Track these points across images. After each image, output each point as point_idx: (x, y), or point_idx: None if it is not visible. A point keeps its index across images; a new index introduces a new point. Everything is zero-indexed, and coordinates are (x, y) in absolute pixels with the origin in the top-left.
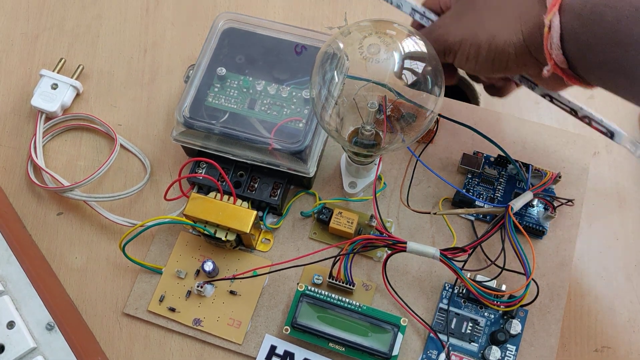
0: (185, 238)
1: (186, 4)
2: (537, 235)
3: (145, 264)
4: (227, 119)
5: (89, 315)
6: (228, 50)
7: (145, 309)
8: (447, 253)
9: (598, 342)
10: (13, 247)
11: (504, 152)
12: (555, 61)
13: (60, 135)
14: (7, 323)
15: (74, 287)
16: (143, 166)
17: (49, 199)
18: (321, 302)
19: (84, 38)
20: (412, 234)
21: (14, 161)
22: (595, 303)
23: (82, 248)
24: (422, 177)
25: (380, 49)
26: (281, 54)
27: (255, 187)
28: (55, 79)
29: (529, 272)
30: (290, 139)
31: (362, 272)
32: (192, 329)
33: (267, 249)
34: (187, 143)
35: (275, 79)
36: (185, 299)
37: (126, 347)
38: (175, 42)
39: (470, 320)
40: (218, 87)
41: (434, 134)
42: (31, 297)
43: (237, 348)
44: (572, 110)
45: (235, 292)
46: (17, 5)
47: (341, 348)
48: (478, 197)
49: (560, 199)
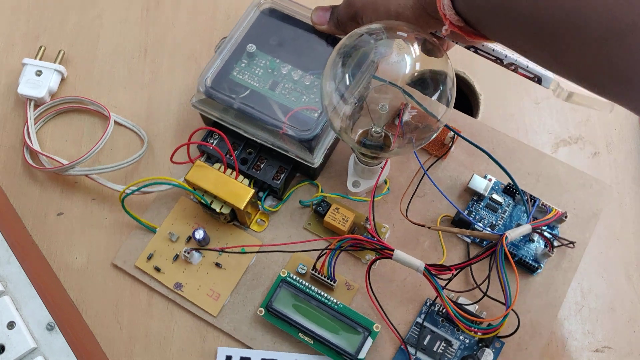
0: (184, 204)
1: (186, 4)
2: (531, 271)
3: (141, 220)
4: (247, 95)
5: (89, 315)
6: (263, 30)
7: (133, 264)
8: (432, 269)
9: (598, 342)
10: (13, 247)
11: (513, 181)
12: (451, 21)
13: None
14: (8, 323)
15: (74, 287)
16: (140, 138)
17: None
18: (299, 292)
19: (84, 38)
20: (405, 244)
21: (8, 156)
22: (595, 303)
23: (82, 248)
24: (427, 190)
25: (394, 51)
26: (313, 43)
27: (261, 168)
28: (39, 66)
29: (509, 303)
30: (302, 126)
31: (348, 271)
32: (172, 292)
33: (261, 229)
34: (205, 112)
35: (301, 66)
36: (172, 262)
37: (126, 347)
38: (175, 42)
39: (445, 340)
40: (245, 63)
41: (448, 149)
42: (31, 297)
43: (210, 319)
44: (498, 59)
45: (221, 265)
46: (17, 6)
47: (310, 340)
48: (479, 222)
49: (562, 239)
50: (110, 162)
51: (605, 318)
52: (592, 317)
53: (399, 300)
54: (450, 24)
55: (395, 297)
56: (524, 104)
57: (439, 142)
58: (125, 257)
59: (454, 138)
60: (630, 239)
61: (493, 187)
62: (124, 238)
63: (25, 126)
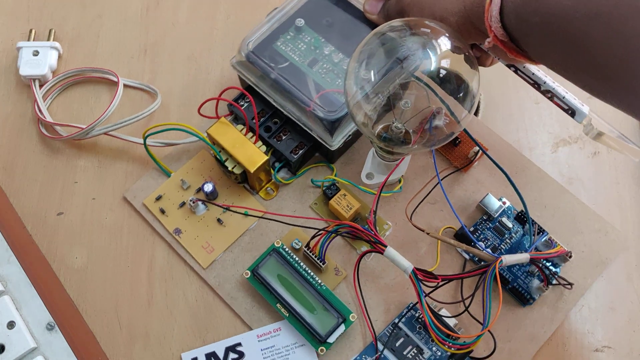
0: (203, 157)
1: (187, 4)
2: (522, 302)
3: (159, 162)
4: (285, 67)
5: (89, 315)
6: (316, 8)
7: (141, 202)
8: (420, 274)
9: (598, 342)
10: (13, 247)
11: (526, 209)
12: (496, 34)
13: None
14: (8, 323)
15: (74, 287)
16: (151, 96)
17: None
18: (287, 265)
19: (84, 38)
20: (403, 245)
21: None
22: (595, 303)
23: (82, 248)
24: (438, 199)
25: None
26: (360, 30)
27: (282, 139)
28: (34, 46)
29: (486, 324)
30: (329, 107)
31: (341, 258)
32: (170, 235)
33: (268, 198)
34: (242, 74)
35: (344, 50)
36: (178, 208)
37: (126, 347)
38: (175, 42)
39: (417, 347)
40: (291, 35)
41: (469, 163)
42: (31, 297)
43: (199, 270)
44: (536, 83)
45: (222, 222)
46: (17, 5)
47: (286, 313)
48: (481, 241)
49: (561, 278)
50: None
51: (605, 318)
52: (592, 317)
53: (382, 298)
54: (494, 37)
55: (379, 294)
56: (524, 104)
57: (463, 154)
58: (136, 192)
59: (477, 153)
60: (630, 239)
61: (505, 210)
62: (125, 237)
63: (35, 104)
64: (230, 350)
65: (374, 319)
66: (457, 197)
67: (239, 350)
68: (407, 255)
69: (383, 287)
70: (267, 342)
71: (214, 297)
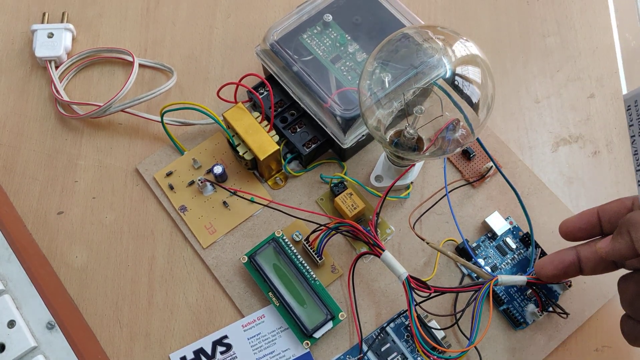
0: (217, 139)
1: (187, 4)
2: (514, 325)
3: (174, 139)
4: (308, 60)
5: (89, 315)
6: (346, 5)
7: (152, 175)
8: (413, 282)
9: (598, 342)
10: (13, 246)
11: (531, 231)
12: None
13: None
14: (8, 322)
15: (75, 286)
16: (166, 75)
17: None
18: (284, 255)
19: (84, 38)
20: (402, 252)
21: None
22: (595, 303)
23: (82, 247)
24: (444, 210)
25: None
26: (387, 33)
27: (297, 131)
28: (49, 28)
29: (472, 340)
30: (345, 105)
31: (340, 256)
32: (175, 212)
33: (276, 188)
34: (265, 63)
35: (368, 50)
36: (186, 186)
37: (126, 346)
38: (175, 42)
39: (402, 355)
40: (318, 30)
41: (481, 177)
42: (32, 296)
43: (198, 249)
44: None
45: (227, 205)
46: (17, 5)
47: (276, 302)
48: (483, 259)
49: (556, 306)
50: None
51: (605, 318)
52: (591, 317)
53: (374, 301)
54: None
55: (372, 297)
56: (524, 103)
57: (476, 169)
58: (148, 166)
59: (491, 169)
60: None
61: (511, 230)
62: (125, 237)
63: (52, 84)
64: (217, 344)
65: (364, 321)
66: (465, 211)
67: (226, 342)
68: (406, 263)
69: (376, 291)
70: (252, 330)
71: (214, 295)
